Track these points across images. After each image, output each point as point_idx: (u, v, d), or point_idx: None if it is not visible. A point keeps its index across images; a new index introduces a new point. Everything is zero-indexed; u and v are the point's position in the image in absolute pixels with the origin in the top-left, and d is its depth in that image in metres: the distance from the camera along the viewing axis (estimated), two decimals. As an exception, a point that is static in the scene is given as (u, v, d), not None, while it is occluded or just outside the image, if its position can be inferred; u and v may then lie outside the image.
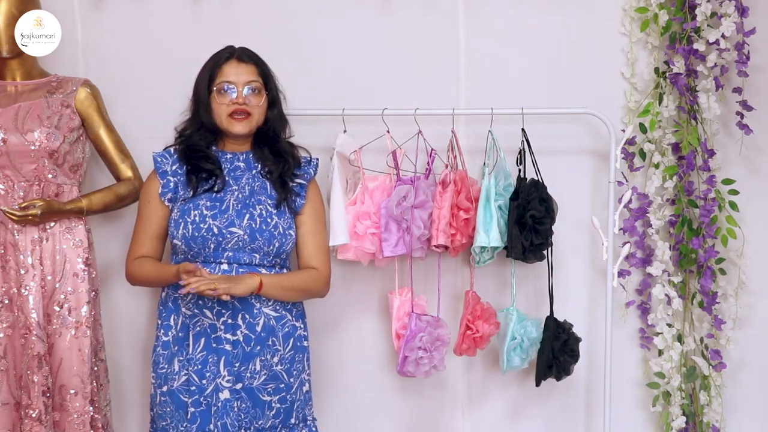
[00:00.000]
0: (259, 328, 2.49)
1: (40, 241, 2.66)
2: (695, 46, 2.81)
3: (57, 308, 2.67)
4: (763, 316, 3.01)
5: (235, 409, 2.46)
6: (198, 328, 2.46)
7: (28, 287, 2.64)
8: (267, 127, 2.62)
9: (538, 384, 2.83)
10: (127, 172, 2.80)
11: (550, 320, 2.82)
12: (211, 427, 2.44)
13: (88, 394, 2.69)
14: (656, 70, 2.89)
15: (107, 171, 2.85)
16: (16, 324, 2.65)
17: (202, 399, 2.45)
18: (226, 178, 2.56)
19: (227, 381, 2.46)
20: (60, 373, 2.66)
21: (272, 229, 2.51)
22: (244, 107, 2.53)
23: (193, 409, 2.44)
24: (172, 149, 2.62)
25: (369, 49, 2.96)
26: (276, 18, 2.97)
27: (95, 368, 2.73)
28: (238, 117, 2.53)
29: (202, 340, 2.46)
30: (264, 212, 2.52)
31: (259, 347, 2.49)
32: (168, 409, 2.49)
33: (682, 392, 2.93)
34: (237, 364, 2.47)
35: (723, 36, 2.78)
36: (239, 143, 2.61)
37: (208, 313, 2.47)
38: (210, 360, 2.46)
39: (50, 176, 2.69)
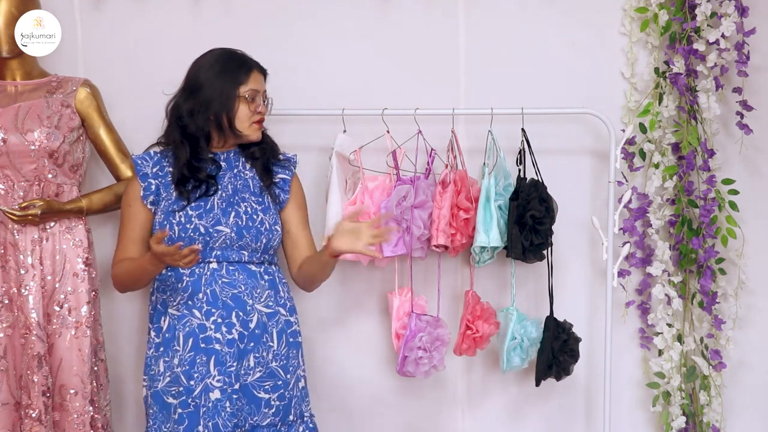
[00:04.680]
0: (252, 325, 2.49)
1: (40, 241, 2.67)
2: (695, 46, 2.81)
3: (57, 308, 2.67)
4: (763, 316, 3.01)
5: (227, 409, 2.45)
6: (187, 329, 2.46)
7: (28, 287, 2.64)
8: None
9: (538, 384, 2.83)
10: (126, 172, 2.79)
11: (550, 320, 2.82)
12: (200, 428, 2.42)
13: (88, 394, 2.69)
14: (656, 70, 2.89)
15: (107, 171, 2.85)
16: (16, 324, 2.65)
17: (189, 400, 2.44)
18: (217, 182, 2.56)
19: (218, 381, 2.45)
20: (60, 373, 2.66)
21: (258, 225, 2.52)
22: (263, 117, 2.57)
23: (181, 410, 2.44)
24: (152, 151, 2.59)
25: (369, 49, 2.96)
26: (276, 18, 2.97)
27: (95, 368, 2.73)
28: (257, 125, 2.55)
29: (191, 340, 2.46)
30: (249, 209, 2.53)
31: (252, 344, 2.49)
32: (153, 410, 2.49)
33: (682, 392, 2.93)
34: (235, 364, 2.47)
35: (723, 36, 2.78)
36: (228, 145, 2.59)
37: (197, 314, 2.47)
38: (198, 360, 2.45)
39: (50, 176, 2.69)
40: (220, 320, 2.47)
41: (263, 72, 2.59)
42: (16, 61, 2.73)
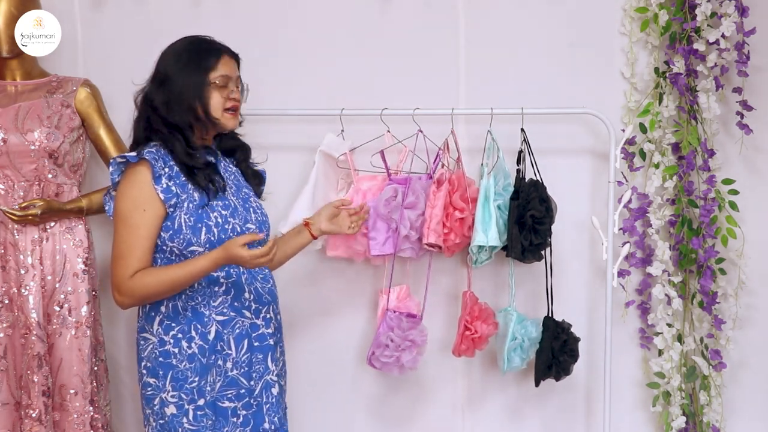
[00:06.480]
0: (279, 317, 2.48)
1: (40, 241, 2.67)
2: (695, 46, 2.81)
3: (57, 308, 2.67)
4: (763, 316, 3.01)
5: (281, 402, 2.43)
6: (238, 331, 2.35)
7: (28, 287, 2.64)
8: None
9: (537, 384, 2.83)
10: (127, 172, 2.79)
11: (549, 320, 2.81)
12: (266, 425, 2.38)
13: (88, 394, 2.69)
14: (656, 70, 2.89)
15: (107, 171, 2.84)
16: (16, 324, 2.66)
17: (252, 401, 2.38)
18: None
19: (276, 375, 2.41)
20: (60, 373, 2.67)
21: (266, 219, 2.49)
22: (237, 104, 2.40)
23: (245, 412, 2.37)
24: (154, 149, 2.34)
25: (369, 49, 2.96)
26: (276, 18, 2.97)
27: (95, 368, 2.73)
28: (231, 113, 2.40)
29: (245, 341, 2.36)
30: (257, 204, 2.49)
31: (279, 335, 2.47)
32: (208, 422, 2.34)
33: (682, 392, 2.93)
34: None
35: (723, 36, 2.77)
36: (206, 138, 2.44)
37: (247, 313, 2.37)
38: (254, 359, 2.38)
39: (50, 176, 2.69)
40: (269, 316, 2.41)
41: (235, 57, 2.44)
42: (16, 61, 2.74)
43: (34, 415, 2.61)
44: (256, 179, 2.55)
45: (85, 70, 2.95)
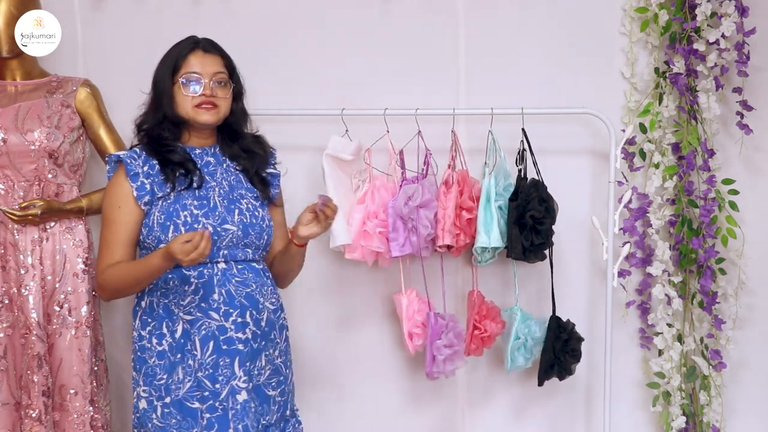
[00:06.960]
0: (263, 324, 2.42)
1: (40, 241, 2.66)
2: (695, 46, 2.81)
3: (57, 308, 2.67)
4: (763, 316, 3.01)
5: (252, 410, 2.38)
6: (204, 332, 2.35)
7: (28, 287, 2.64)
8: (232, 120, 2.51)
9: (540, 383, 2.82)
10: (127, 172, 2.79)
11: (553, 320, 2.81)
12: (231, 431, 2.34)
13: (88, 394, 2.69)
14: (656, 70, 2.89)
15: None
16: (16, 324, 2.65)
17: (217, 404, 2.35)
18: (203, 174, 2.45)
19: (243, 382, 2.36)
20: (60, 373, 2.66)
21: (260, 222, 2.46)
22: (212, 99, 2.41)
23: (208, 415, 2.34)
24: (137, 148, 2.45)
25: (369, 49, 2.96)
26: (276, 18, 2.97)
27: (95, 368, 2.73)
28: (205, 107, 2.41)
29: (211, 343, 2.34)
30: (250, 206, 2.46)
31: (264, 342, 2.43)
32: (173, 421, 2.35)
33: (682, 392, 2.93)
34: (248, 364, 2.38)
35: (723, 36, 2.78)
36: (204, 137, 2.48)
37: (215, 315, 2.35)
38: (221, 363, 2.35)
39: (50, 176, 2.69)
40: (240, 320, 2.37)
41: (213, 52, 2.45)
42: (16, 61, 2.73)
43: (34, 415, 2.61)
44: (261, 185, 2.54)
45: (85, 70, 2.95)
